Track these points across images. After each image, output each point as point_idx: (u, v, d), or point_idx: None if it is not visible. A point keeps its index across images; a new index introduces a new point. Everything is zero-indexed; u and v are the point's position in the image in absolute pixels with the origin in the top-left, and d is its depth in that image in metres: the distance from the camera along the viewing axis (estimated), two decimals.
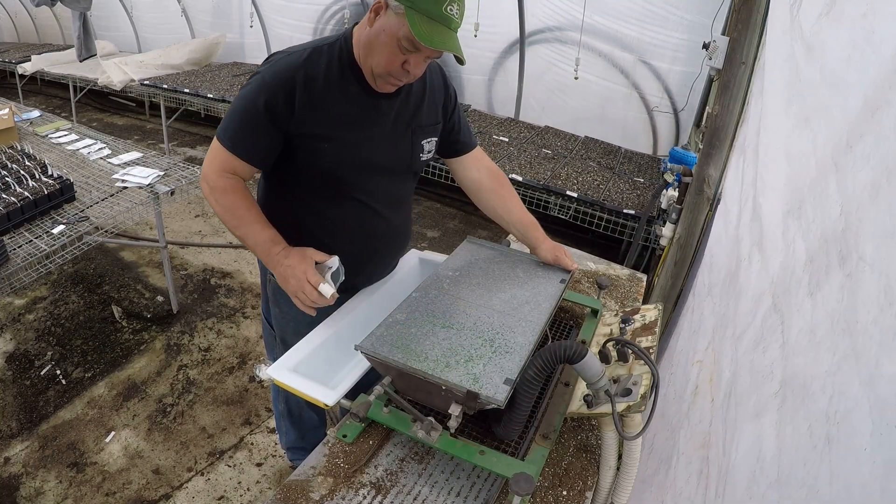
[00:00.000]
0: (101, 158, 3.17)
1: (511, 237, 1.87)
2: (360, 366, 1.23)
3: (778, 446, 0.73)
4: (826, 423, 0.61)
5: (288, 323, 1.62)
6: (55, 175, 2.74)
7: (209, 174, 1.37)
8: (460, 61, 1.25)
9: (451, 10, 1.18)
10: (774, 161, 1.19)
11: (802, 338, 0.77)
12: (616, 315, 1.45)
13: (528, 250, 1.57)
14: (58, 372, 2.77)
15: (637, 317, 1.37)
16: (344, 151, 1.35)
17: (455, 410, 1.02)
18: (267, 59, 1.36)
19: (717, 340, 1.34)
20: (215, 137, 1.37)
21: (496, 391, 0.99)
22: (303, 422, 1.96)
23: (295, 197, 1.44)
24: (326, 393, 1.15)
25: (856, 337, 0.61)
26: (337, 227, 1.44)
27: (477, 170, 1.60)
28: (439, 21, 1.17)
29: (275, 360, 1.27)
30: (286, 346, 1.64)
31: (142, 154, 3.24)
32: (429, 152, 1.50)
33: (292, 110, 1.28)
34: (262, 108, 1.27)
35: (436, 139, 1.51)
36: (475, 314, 1.24)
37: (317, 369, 1.25)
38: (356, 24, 1.34)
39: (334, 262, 1.35)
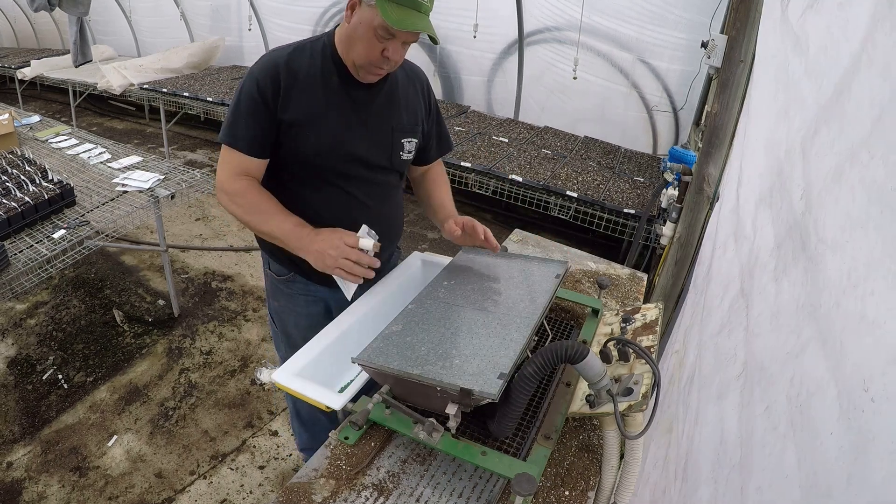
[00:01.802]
0: (101, 163, 3.18)
1: (507, 243, 1.88)
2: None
3: (739, 428, 0.74)
4: (788, 405, 0.61)
5: (288, 315, 1.65)
6: (55, 180, 2.74)
7: (222, 181, 1.41)
8: (434, 41, 1.31)
9: None
10: (754, 152, 1.19)
11: (764, 321, 0.78)
12: (617, 314, 1.45)
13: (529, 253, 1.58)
14: (59, 376, 2.78)
15: (638, 316, 1.37)
16: (323, 137, 1.40)
17: (452, 410, 1.02)
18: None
19: (690, 328, 1.35)
20: (221, 144, 1.42)
21: (490, 386, 0.99)
22: (314, 424, 1.94)
23: (280, 184, 1.48)
24: (332, 397, 1.14)
25: (820, 321, 0.61)
26: (320, 214, 1.47)
27: (430, 169, 1.71)
28: (409, 6, 1.25)
29: (282, 358, 1.26)
30: (289, 338, 1.65)
31: (142, 158, 3.24)
32: (409, 153, 1.56)
33: (278, 95, 1.35)
34: (256, 94, 1.34)
35: (416, 141, 1.57)
36: (470, 317, 1.24)
37: (322, 373, 1.24)
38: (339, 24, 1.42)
39: (363, 227, 1.38)
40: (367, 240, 1.31)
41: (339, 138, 1.42)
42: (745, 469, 0.67)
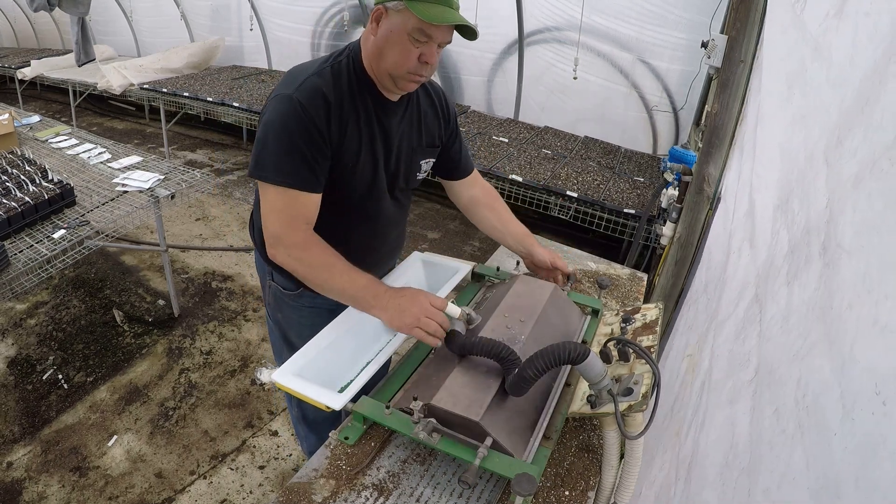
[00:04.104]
0: (101, 163, 3.18)
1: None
2: (367, 369, 1.23)
3: (750, 432, 0.74)
4: (795, 408, 0.61)
5: (291, 326, 1.64)
6: (55, 180, 2.74)
7: (280, 233, 1.27)
8: (475, 34, 1.26)
9: None
10: (769, 158, 1.19)
11: (775, 324, 0.78)
12: (617, 314, 1.45)
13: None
14: (59, 376, 2.77)
15: (638, 316, 1.37)
16: (363, 175, 1.38)
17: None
18: (284, 80, 1.31)
19: (704, 334, 1.35)
20: (261, 184, 1.26)
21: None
22: (319, 425, 1.92)
23: None
24: (332, 397, 1.14)
25: (830, 323, 0.61)
26: (348, 238, 1.46)
27: (473, 187, 1.69)
28: (440, 3, 1.22)
29: (281, 363, 1.26)
30: (292, 347, 1.65)
31: (142, 158, 3.24)
32: (424, 172, 1.57)
33: (329, 126, 1.27)
34: (312, 126, 1.24)
35: (433, 160, 1.57)
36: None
37: (322, 373, 1.24)
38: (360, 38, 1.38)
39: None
40: (454, 307, 1.24)
41: (376, 174, 1.40)
42: (754, 472, 0.67)
